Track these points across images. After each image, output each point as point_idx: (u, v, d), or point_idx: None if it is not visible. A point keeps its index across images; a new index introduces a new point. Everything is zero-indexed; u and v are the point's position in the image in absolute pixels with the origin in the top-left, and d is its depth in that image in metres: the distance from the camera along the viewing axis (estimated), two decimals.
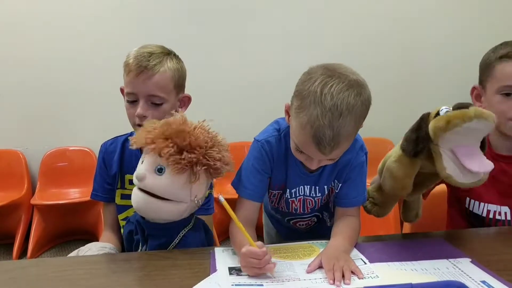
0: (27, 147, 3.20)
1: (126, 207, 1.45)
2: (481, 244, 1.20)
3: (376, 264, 1.05)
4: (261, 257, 0.97)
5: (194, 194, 1.11)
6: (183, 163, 1.05)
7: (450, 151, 1.01)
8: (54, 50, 3.13)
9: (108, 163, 1.47)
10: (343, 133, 0.99)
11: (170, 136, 1.06)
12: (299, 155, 1.11)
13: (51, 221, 3.01)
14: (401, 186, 1.12)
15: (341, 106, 0.97)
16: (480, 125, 0.96)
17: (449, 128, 0.96)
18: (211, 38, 3.21)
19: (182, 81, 1.41)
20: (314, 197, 1.29)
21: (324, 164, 1.13)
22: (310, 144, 1.02)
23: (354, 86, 1.01)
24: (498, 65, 1.30)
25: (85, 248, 1.26)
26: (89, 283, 1.00)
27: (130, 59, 1.32)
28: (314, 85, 1.00)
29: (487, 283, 0.93)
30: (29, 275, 1.06)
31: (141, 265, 1.10)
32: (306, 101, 1.00)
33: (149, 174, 1.07)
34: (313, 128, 0.99)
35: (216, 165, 1.09)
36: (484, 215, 1.37)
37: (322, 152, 1.02)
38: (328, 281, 0.96)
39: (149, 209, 1.11)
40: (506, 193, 1.35)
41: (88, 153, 3.16)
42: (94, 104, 3.20)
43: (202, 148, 1.07)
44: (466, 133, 0.98)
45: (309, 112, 0.99)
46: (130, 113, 1.35)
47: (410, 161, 1.09)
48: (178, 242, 1.18)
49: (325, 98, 0.98)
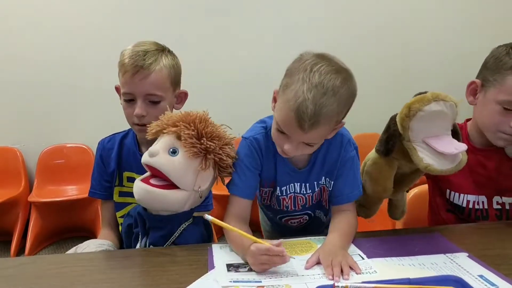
0: (24, 144, 3.19)
1: (124, 204, 1.45)
2: (479, 239, 1.20)
3: (373, 260, 1.05)
4: (270, 253, 0.97)
5: (199, 184, 1.13)
6: (199, 147, 1.09)
7: (422, 143, 1.05)
8: (50, 47, 3.11)
9: (106, 160, 1.46)
10: (325, 112, 1.01)
11: (192, 121, 1.11)
12: (279, 136, 1.11)
13: (49, 218, 3.01)
14: (382, 188, 1.19)
15: (327, 85, 1.01)
16: (440, 106, 1.01)
17: (411, 113, 1.01)
18: (206, 33, 3.20)
19: (178, 77, 1.41)
20: (305, 194, 1.29)
21: (301, 152, 1.12)
22: (291, 119, 1.02)
23: (342, 72, 1.05)
24: (509, 77, 1.26)
25: (83, 245, 1.27)
26: (87, 279, 1.00)
27: (125, 59, 1.31)
28: (305, 64, 1.04)
29: (485, 277, 0.93)
30: (27, 272, 1.06)
31: (139, 262, 1.10)
32: (295, 78, 1.04)
33: (162, 153, 1.10)
34: (296, 102, 1.00)
35: (227, 161, 1.14)
36: (464, 205, 1.41)
37: (302, 128, 1.02)
38: (327, 276, 0.96)
39: (150, 200, 1.12)
40: (482, 183, 1.40)
41: (86, 150, 3.15)
42: (91, 101, 3.18)
43: (220, 141, 1.13)
44: (431, 118, 1.03)
45: (296, 87, 1.02)
46: (128, 112, 1.34)
47: (386, 162, 1.15)
48: (179, 236, 1.18)
49: (313, 75, 1.01)
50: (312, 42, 3.23)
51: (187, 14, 3.16)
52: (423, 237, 1.21)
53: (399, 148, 1.11)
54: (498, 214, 1.40)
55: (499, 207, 1.40)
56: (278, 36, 3.26)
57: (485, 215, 1.40)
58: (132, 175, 1.42)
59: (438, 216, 1.48)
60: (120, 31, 3.00)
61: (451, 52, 3.32)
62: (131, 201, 1.41)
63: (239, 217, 1.20)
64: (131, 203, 1.41)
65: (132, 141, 1.45)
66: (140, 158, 1.17)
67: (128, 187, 1.43)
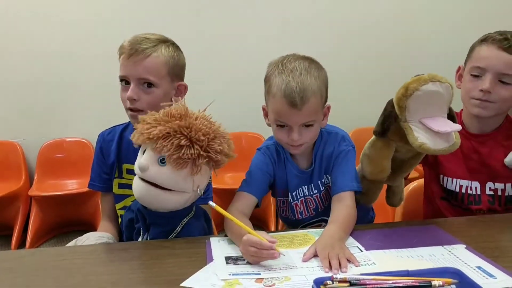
0: (24, 138, 3.19)
1: (123, 196, 1.45)
2: (477, 231, 1.20)
3: (372, 252, 1.05)
4: (258, 247, 0.98)
5: (197, 184, 1.11)
6: (184, 158, 1.05)
7: (419, 123, 1.08)
8: (51, 42, 3.11)
9: (106, 152, 1.47)
10: (308, 85, 1.17)
11: (170, 133, 1.06)
12: (281, 131, 1.23)
13: (49, 212, 3.01)
14: (379, 169, 1.23)
15: (300, 67, 1.19)
16: (436, 87, 1.05)
17: (408, 93, 1.05)
18: (209, 28, 3.20)
19: (179, 69, 1.40)
20: (313, 195, 1.35)
21: (305, 138, 1.23)
22: (284, 104, 1.17)
23: (307, 58, 1.25)
24: (476, 47, 1.39)
25: (83, 237, 1.27)
26: (86, 271, 1.01)
27: (125, 43, 1.33)
28: (275, 64, 1.24)
29: (483, 269, 0.93)
30: (27, 264, 1.07)
31: (138, 254, 1.11)
32: (272, 77, 1.21)
33: (152, 165, 1.07)
34: (282, 89, 1.17)
35: (217, 158, 1.09)
36: (457, 190, 1.44)
37: (295, 106, 1.15)
38: (324, 269, 0.96)
39: (151, 199, 1.12)
40: (476, 169, 1.43)
41: (86, 144, 3.15)
42: (91, 95, 3.18)
43: (203, 142, 1.07)
44: (427, 99, 1.06)
45: (276, 81, 1.19)
46: (123, 97, 1.35)
47: (383, 143, 1.20)
48: (181, 230, 1.18)
49: (285, 66, 1.20)
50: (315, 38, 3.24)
51: (187, 8, 3.16)
52: (421, 229, 1.21)
53: (397, 130, 1.14)
54: (491, 200, 1.42)
55: (491, 193, 1.42)
56: (277, 31, 3.26)
57: (477, 200, 1.43)
58: (132, 167, 1.40)
59: (433, 204, 1.50)
60: (120, 25, 2.99)
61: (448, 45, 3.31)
62: (131, 193, 1.40)
63: (241, 211, 1.21)
64: (130, 195, 1.41)
65: (132, 133, 1.45)
66: (139, 150, 1.16)
67: (127, 179, 1.43)
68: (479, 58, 1.36)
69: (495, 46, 1.33)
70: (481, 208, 1.42)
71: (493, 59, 1.33)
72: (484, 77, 1.34)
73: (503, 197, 1.42)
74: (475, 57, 1.38)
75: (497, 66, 1.32)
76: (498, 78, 1.33)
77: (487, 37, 1.37)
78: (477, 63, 1.36)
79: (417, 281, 0.83)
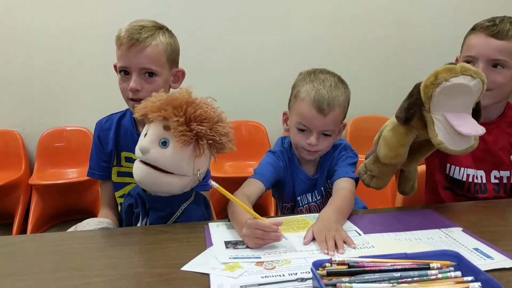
0: (24, 127, 3.19)
1: (122, 184, 1.45)
2: (475, 216, 1.21)
3: (370, 235, 1.06)
4: (266, 229, 0.99)
5: (197, 168, 1.11)
6: (189, 135, 1.04)
7: (442, 116, 1.04)
8: (50, 31, 3.09)
9: (104, 140, 1.47)
10: (336, 97, 1.26)
11: (179, 106, 1.05)
12: (300, 136, 1.31)
13: (50, 201, 3.02)
14: (394, 154, 1.18)
15: (330, 80, 1.29)
16: (467, 81, 1.00)
17: (437, 81, 1.01)
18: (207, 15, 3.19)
19: (175, 55, 1.40)
20: (316, 201, 1.40)
21: (321, 145, 1.30)
22: (311, 109, 1.26)
23: (336, 75, 1.33)
24: (467, 37, 1.40)
25: (83, 223, 1.27)
26: (85, 256, 1.01)
27: (121, 33, 1.31)
28: (306, 73, 1.33)
29: (480, 250, 0.94)
30: (26, 249, 1.07)
31: (138, 239, 1.11)
32: (302, 84, 1.30)
33: (153, 147, 1.06)
34: (311, 95, 1.26)
35: (221, 140, 1.08)
36: (464, 179, 1.43)
37: (322, 113, 1.25)
38: (322, 251, 0.97)
39: (151, 183, 1.11)
40: (481, 158, 1.42)
41: (85, 133, 3.15)
42: (91, 84, 3.17)
43: (209, 122, 1.06)
44: (455, 92, 1.02)
45: (307, 88, 1.28)
46: (123, 87, 1.34)
47: (405, 129, 1.14)
48: (180, 215, 1.18)
49: (317, 76, 1.30)
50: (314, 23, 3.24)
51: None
52: (419, 213, 1.22)
53: (420, 118, 1.10)
54: (496, 188, 1.43)
55: (496, 182, 1.42)
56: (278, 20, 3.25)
57: (483, 189, 1.43)
58: (130, 155, 1.42)
59: (436, 194, 1.49)
60: (120, 14, 2.97)
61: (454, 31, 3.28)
62: (130, 181, 1.41)
63: (246, 195, 1.21)
64: (129, 183, 1.42)
65: (130, 121, 1.45)
66: (137, 138, 1.15)
67: (126, 167, 1.44)
68: (470, 47, 1.37)
69: (483, 34, 1.34)
70: (487, 197, 1.41)
71: (482, 46, 1.33)
72: (477, 66, 1.32)
73: (508, 185, 1.42)
74: (466, 47, 1.39)
75: (487, 53, 1.32)
76: (491, 64, 1.33)
77: (476, 26, 1.37)
78: (468, 52, 1.37)
79: (415, 264, 0.83)
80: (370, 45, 3.33)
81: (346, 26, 3.30)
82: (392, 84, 3.29)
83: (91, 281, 0.87)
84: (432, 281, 0.78)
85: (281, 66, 3.06)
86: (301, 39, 3.22)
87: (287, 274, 0.87)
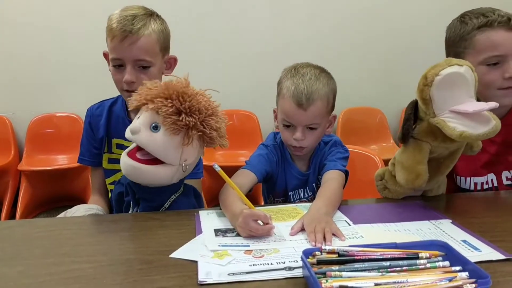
0: (13, 112, 3.16)
1: (113, 171, 1.45)
2: (463, 207, 1.22)
3: (360, 225, 1.06)
4: (262, 219, 0.99)
5: (184, 158, 1.10)
6: (179, 124, 1.04)
7: (450, 113, 1.03)
8: (40, 16, 3.07)
9: (95, 127, 1.46)
10: (315, 90, 1.26)
11: (170, 96, 1.05)
12: (287, 131, 1.31)
13: (39, 187, 3.01)
14: (415, 175, 1.13)
15: (310, 73, 1.28)
16: (455, 68, 1.01)
17: (429, 80, 1.02)
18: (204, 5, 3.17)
19: (167, 42, 1.39)
20: (308, 197, 1.41)
21: (309, 141, 1.30)
22: (291, 104, 1.26)
23: (319, 67, 1.33)
24: (480, 36, 1.29)
25: (73, 209, 1.27)
26: (75, 242, 1.01)
27: (113, 24, 1.29)
28: (288, 69, 1.33)
29: (468, 242, 0.95)
30: (16, 234, 1.07)
31: (128, 226, 1.11)
32: (284, 80, 1.31)
33: (144, 129, 1.06)
34: (290, 91, 1.26)
35: (211, 134, 1.08)
36: (472, 188, 1.40)
37: (302, 107, 1.24)
38: (310, 242, 0.97)
39: (137, 175, 1.11)
40: (490, 161, 1.38)
41: (76, 119, 3.13)
42: (81, 70, 3.14)
43: (201, 114, 1.06)
44: (450, 83, 1.02)
45: (286, 84, 1.29)
46: (117, 78, 1.33)
47: (414, 147, 1.13)
48: (169, 207, 1.18)
49: (297, 71, 1.30)
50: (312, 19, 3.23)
51: None
52: (408, 205, 1.22)
53: (427, 130, 1.10)
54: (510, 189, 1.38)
55: (509, 183, 1.38)
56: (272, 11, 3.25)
57: (487, 191, 1.39)
58: (121, 142, 1.41)
59: None
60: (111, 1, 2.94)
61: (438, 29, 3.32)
62: (120, 168, 1.40)
63: (239, 186, 1.20)
64: (120, 170, 1.41)
65: (121, 107, 1.45)
66: (129, 124, 1.15)
67: (117, 154, 1.43)
68: (494, 46, 1.26)
69: (503, 29, 1.26)
70: None
71: (510, 42, 1.26)
72: (507, 65, 1.26)
73: None
74: (485, 47, 1.28)
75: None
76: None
77: (488, 21, 1.27)
78: (493, 51, 1.27)
79: (404, 253, 0.83)
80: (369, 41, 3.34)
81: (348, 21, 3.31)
82: (383, 76, 3.31)
83: (81, 267, 0.87)
84: (420, 271, 0.79)
85: (279, 58, 3.06)
86: (297, 32, 3.23)
87: (275, 263, 0.87)
